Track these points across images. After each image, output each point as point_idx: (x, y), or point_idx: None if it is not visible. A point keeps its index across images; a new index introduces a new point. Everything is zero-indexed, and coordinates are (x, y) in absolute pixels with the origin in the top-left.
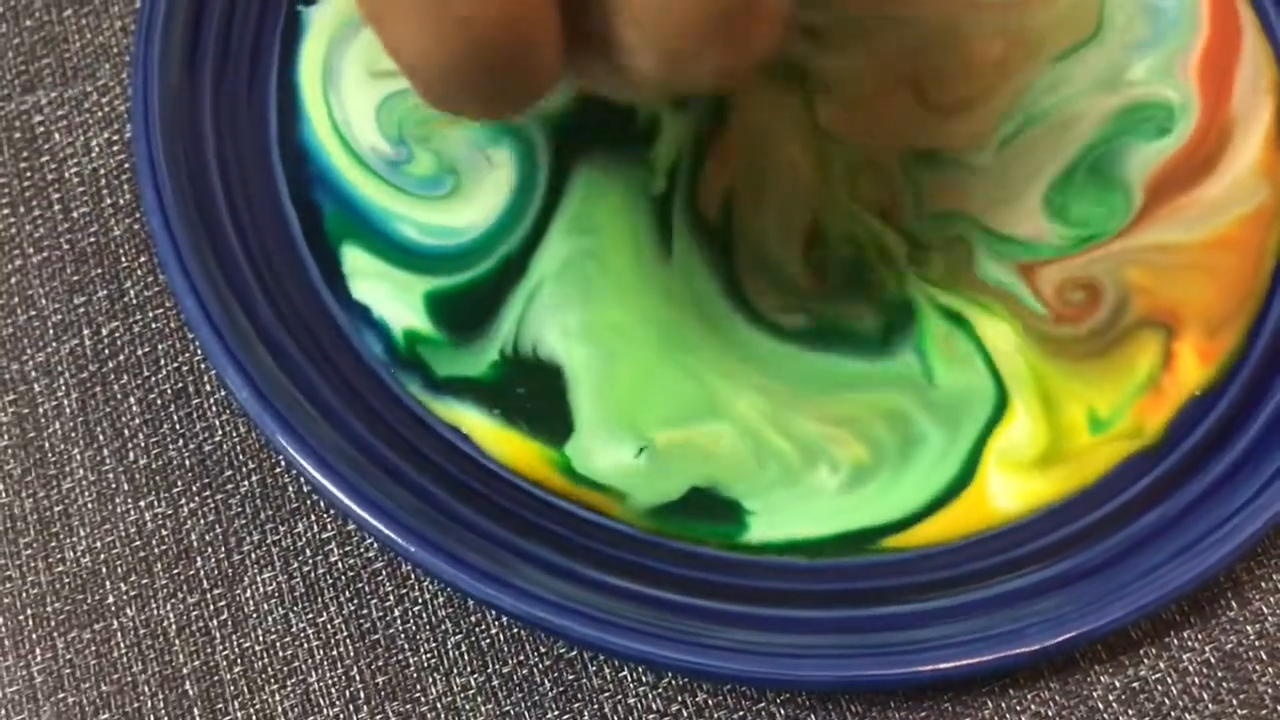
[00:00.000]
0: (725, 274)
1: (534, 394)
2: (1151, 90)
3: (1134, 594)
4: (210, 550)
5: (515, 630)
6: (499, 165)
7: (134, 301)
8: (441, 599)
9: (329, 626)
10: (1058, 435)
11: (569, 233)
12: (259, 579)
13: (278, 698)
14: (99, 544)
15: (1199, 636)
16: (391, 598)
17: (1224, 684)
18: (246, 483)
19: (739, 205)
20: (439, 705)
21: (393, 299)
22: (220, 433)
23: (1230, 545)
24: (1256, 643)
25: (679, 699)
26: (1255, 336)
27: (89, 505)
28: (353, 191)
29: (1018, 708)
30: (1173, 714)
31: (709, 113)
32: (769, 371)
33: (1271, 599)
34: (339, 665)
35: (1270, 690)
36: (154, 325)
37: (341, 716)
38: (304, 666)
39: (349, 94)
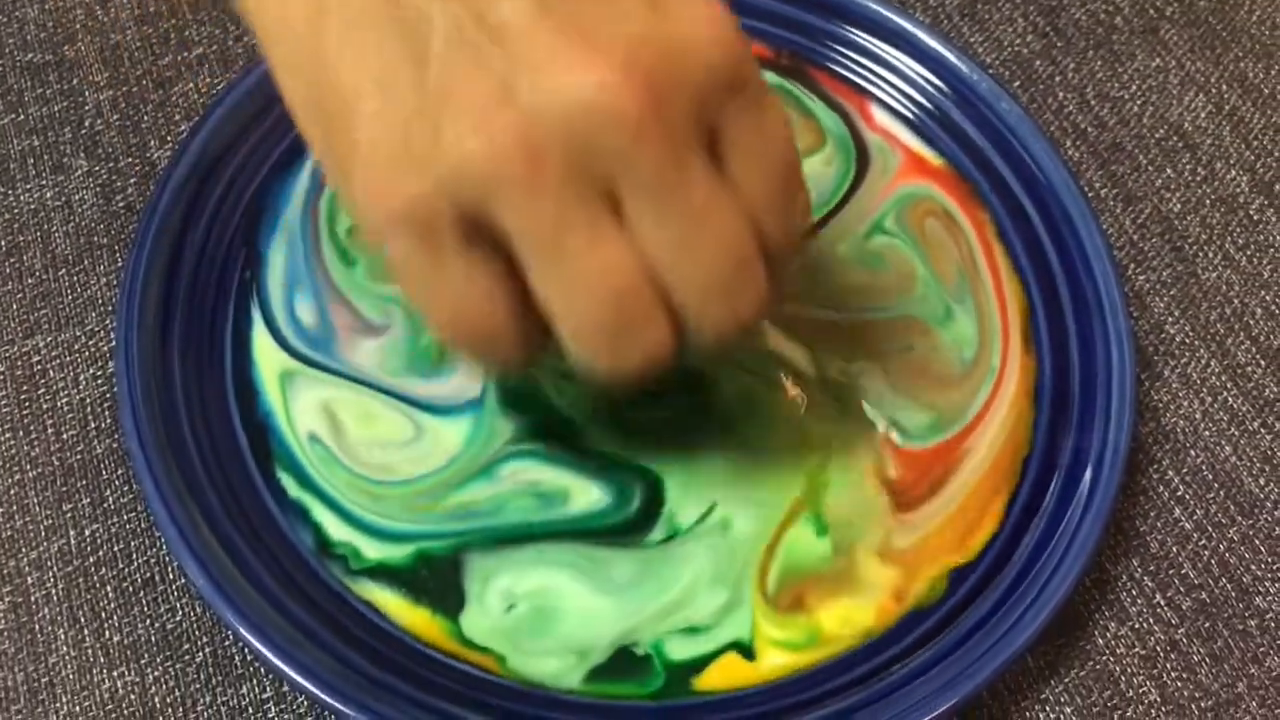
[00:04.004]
0: None
1: (434, 575)
2: None
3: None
4: (171, 711)
5: None
6: None
7: (112, 507)
8: None
9: None
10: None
11: None
12: None
13: None
14: (78, 708)
15: None
16: None
17: None
18: (201, 654)
19: None
20: None
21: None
22: (180, 613)
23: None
24: None
25: None
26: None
27: (70, 677)
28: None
29: None
30: None
31: None
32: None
33: None
34: None
35: None
36: (128, 526)
37: None
38: None
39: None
